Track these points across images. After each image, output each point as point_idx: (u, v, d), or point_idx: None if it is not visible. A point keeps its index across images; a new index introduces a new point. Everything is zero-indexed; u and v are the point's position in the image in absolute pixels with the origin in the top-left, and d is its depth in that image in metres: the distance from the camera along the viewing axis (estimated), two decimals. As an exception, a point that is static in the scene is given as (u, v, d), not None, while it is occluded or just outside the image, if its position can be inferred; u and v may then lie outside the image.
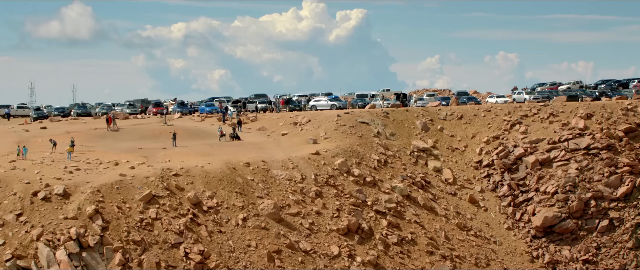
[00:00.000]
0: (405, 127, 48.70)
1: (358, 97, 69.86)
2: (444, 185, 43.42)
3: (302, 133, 47.21)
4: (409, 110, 53.14)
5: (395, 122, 49.52)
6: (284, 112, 58.99)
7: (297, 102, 62.81)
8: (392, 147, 45.60)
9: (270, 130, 50.92)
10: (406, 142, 46.94)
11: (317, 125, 48.00)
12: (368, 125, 47.74)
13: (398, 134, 47.62)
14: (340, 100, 62.35)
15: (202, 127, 52.69)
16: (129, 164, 34.13)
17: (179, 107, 64.11)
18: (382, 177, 41.10)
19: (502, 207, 43.02)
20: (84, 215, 27.43)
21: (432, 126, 50.26)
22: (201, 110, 63.48)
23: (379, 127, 47.85)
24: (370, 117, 49.19)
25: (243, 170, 36.13)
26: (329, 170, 38.78)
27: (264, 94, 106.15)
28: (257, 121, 55.29)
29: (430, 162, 45.20)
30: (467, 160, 46.89)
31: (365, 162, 41.51)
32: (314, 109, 56.62)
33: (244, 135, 48.66)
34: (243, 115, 58.20)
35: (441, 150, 47.34)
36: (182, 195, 31.89)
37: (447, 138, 48.93)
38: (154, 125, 53.51)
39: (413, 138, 47.68)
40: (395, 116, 50.75)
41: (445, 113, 52.19)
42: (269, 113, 59.90)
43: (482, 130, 49.75)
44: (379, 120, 48.84)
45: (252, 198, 33.92)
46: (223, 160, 36.34)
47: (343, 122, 47.48)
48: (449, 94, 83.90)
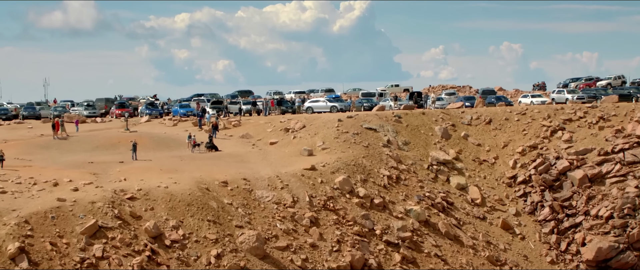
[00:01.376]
0: (421, 134, 46.48)
1: (363, 96, 66.62)
2: (471, 207, 40.56)
3: (295, 142, 44.25)
4: (426, 113, 50.55)
5: (409, 128, 46.98)
6: (273, 115, 55.54)
7: (291, 103, 59.45)
8: (406, 159, 42.81)
9: (255, 138, 47.80)
10: (423, 153, 44.40)
11: (313, 132, 45.05)
12: (376, 132, 44.77)
13: (413, 142, 45.19)
14: (342, 101, 59.14)
15: (172, 134, 49.34)
16: (71, 185, 30.65)
17: (147, 108, 60.71)
18: (394, 198, 37.84)
19: (543, 235, 39.83)
20: (3, 255, 23.86)
21: (454, 133, 47.59)
22: (174, 113, 60.10)
23: (389, 135, 45.01)
24: (378, 121, 46.47)
25: (219, 192, 32.77)
26: (328, 190, 35.54)
27: (249, 90, 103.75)
28: (241, 126, 52.08)
29: (453, 178, 42.79)
30: (498, 175, 44.19)
31: (373, 179, 38.51)
32: (310, 111, 53.34)
33: (222, 144, 45.41)
34: (224, 119, 54.78)
35: (466, 163, 44.72)
36: (139, 226, 28.41)
37: (472, 148, 46.47)
38: (114, 131, 50.18)
39: (431, 148, 45.19)
40: (409, 121, 48.17)
41: (469, 116, 49.63)
42: (255, 116, 56.43)
43: (516, 138, 46.77)
44: (389, 126, 45.92)
45: (229, 228, 30.53)
46: (194, 179, 32.97)
47: (345, 128, 44.62)
48: (472, 93, 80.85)
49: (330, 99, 55.45)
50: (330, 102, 54.00)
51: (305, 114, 53.71)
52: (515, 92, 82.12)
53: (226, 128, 51.88)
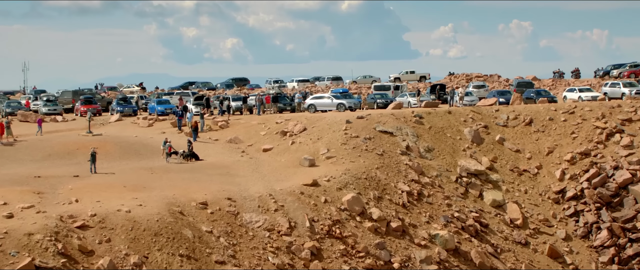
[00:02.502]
0: (447, 138, 43.91)
1: (376, 90, 62.88)
2: (510, 230, 37.93)
3: (293, 149, 41.56)
4: (452, 111, 47.61)
5: (432, 131, 44.23)
6: (268, 113, 52.51)
7: (289, 98, 55.88)
8: (430, 170, 40.18)
9: (245, 143, 44.67)
10: (450, 162, 41.71)
11: (316, 137, 42.33)
12: (392, 137, 42.12)
13: (438, 149, 42.51)
14: (351, 96, 55.56)
15: (145, 138, 46.09)
16: (5, 209, 27.08)
17: (118, 105, 57.21)
18: (416, 220, 34.96)
19: (600, 265, 36.32)
20: None
21: (487, 136, 44.98)
22: (151, 110, 56.58)
23: (408, 140, 42.36)
24: (395, 123, 43.72)
25: (196, 216, 29.36)
26: (333, 211, 32.33)
27: (244, 78, 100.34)
28: (229, 127, 48.65)
29: (487, 193, 40.11)
30: (542, 188, 41.58)
31: (389, 197, 35.79)
32: (313, 109, 49.86)
33: (205, 150, 42.35)
34: (209, 118, 51.32)
35: (503, 174, 42.03)
36: (89, 265, 24.86)
37: (510, 155, 43.88)
38: (75, 134, 46.77)
39: (460, 155, 42.47)
40: (432, 121, 45.39)
41: (505, 116, 46.88)
42: (247, 114, 52.92)
43: (564, 143, 44.12)
44: (408, 129, 43.32)
45: (208, 264, 27.13)
46: (165, 199, 29.68)
47: (355, 131, 41.95)
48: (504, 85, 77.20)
49: (336, 95, 51.68)
50: (337, 98, 50.22)
51: (307, 112, 50.13)
52: (552, 83, 78.34)
53: (211, 130, 48.38)
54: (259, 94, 54.56)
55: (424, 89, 75.26)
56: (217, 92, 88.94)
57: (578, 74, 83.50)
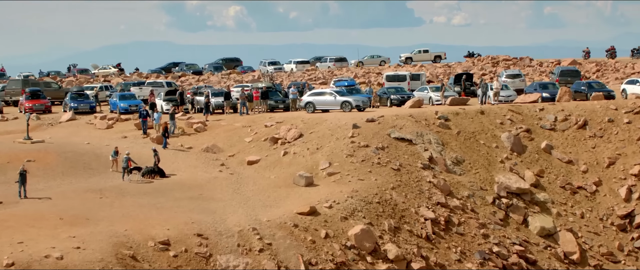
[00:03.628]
0: (481, 146, 40.27)
1: (389, 80, 58.51)
2: (564, 268, 34.43)
3: (286, 162, 37.70)
4: (486, 111, 43.79)
5: (462, 138, 40.61)
6: (256, 112, 48.95)
7: (282, 94, 51.44)
8: (459, 189, 36.41)
9: (226, 152, 41.01)
10: (485, 178, 38.00)
11: (314, 145, 38.60)
12: (412, 146, 38.43)
13: (469, 160, 38.84)
14: (359, 91, 51.21)
15: (100, 145, 42.50)
16: None
17: (72, 100, 52.63)
18: (444, 258, 31.57)
19: (683, 316, 32.11)
20: None
21: (530, 143, 41.60)
22: (112, 106, 52.19)
23: (432, 149, 38.69)
24: (414, 127, 39.97)
25: (153, 261, 25.72)
26: (337, 250, 29.18)
27: (236, 58, 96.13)
28: (207, 131, 44.49)
29: (534, 218, 36.55)
30: (603, 211, 38.03)
31: (409, 227, 31.99)
32: (311, 108, 45.51)
33: (174, 162, 38.60)
34: (183, 118, 47.70)
35: (552, 193, 38.45)
36: None
37: (560, 167, 40.34)
38: (10, 142, 42.53)
39: (497, 168, 38.78)
40: (461, 124, 41.74)
41: (552, 116, 43.49)
42: (230, 113, 48.81)
43: (629, 152, 40.64)
44: (431, 135, 39.77)
45: (166, 332, 22.68)
46: (113, 237, 26.17)
47: (364, 138, 38.11)
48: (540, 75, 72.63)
49: (340, 90, 46.91)
50: (341, 95, 45.49)
51: (304, 112, 45.63)
52: (597, 68, 73.87)
53: (184, 134, 43.97)
54: (243, 89, 49.80)
55: (446, 78, 70.74)
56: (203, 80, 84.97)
57: (614, 53, 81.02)
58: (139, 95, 59.06)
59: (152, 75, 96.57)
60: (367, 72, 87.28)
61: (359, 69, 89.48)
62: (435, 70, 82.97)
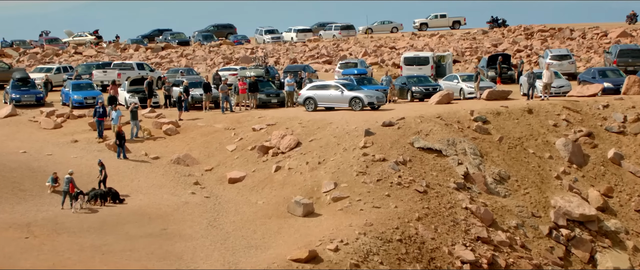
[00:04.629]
0: (530, 156, 36.10)
1: (407, 64, 54.49)
2: None
3: (278, 180, 33.31)
4: (533, 108, 39.45)
5: (505, 146, 36.34)
6: (243, 110, 44.03)
7: (277, 84, 46.52)
8: (505, 216, 31.83)
9: (203, 165, 36.70)
10: (537, 200, 33.70)
11: (316, 158, 33.95)
12: (441, 157, 33.96)
13: (516, 176, 34.67)
14: (371, 82, 46.83)
15: (40, 155, 37.65)
16: None
17: (14, 89, 47.59)
18: None
19: None
20: None
21: (593, 151, 37.67)
22: (64, 98, 48.41)
23: (468, 162, 34.17)
24: (444, 133, 35.56)
25: None
26: None
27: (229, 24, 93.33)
28: (180, 133, 40.76)
29: (603, 255, 32.55)
30: None
31: None
32: (311, 105, 40.65)
33: (134, 178, 34.29)
34: (151, 114, 43.26)
35: (625, 219, 34.52)
36: None
37: (634, 182, 36.47)
38: None
39: (552, 187, 34.51)
40: (503, 127, 37.51)
41: (620, 115, 39.79)
42: (211, 111, 44.42)
43: None
44: (466, 143, 35.23)
45: None
46: None
47: (380, 149, 33.59)
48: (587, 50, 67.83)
49: (349, 83, 41.67)
50: (350, 89, 40.22)
51: (303, 109, 40.73)
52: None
53: (151, 138, 39.04)
54: (225, 80, 44.49)
55: (475, 59, 65.73)
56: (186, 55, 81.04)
57: (634, 18, 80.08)
58: (104, 82, 54.33)
59: (132, 47, 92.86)
60: (379, 45, 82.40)
61: (368, 40, 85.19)
62: (459, 45, 78.14)
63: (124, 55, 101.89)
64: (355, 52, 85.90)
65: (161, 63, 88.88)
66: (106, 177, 32.29)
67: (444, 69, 55.63)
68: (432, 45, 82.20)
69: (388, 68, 67.78)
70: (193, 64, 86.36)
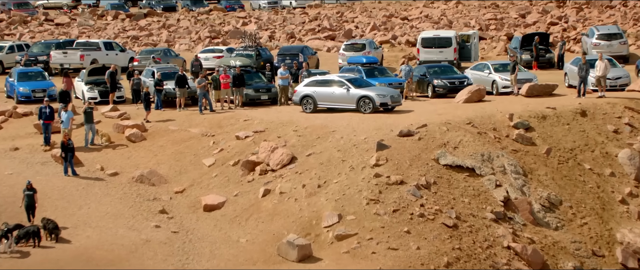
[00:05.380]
0: (585, 172, 31.85)
1: (426, 46, 50.01)
2: None
3: (267, 209, 28.72)
4: (587, 109, 35.18)
5: (554, 159, 31.94)
6: (226, 109, 39.54)
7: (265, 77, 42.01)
8: (558, 256, 27.67)
9: (172, 184, 31.96)
10: (598, 233, 29.43)
11: (315, 179, 29.22)
12: (474, 177, 29.42)
13: (568, 199, 30.34)
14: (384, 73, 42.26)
15: None
16: None
17: None
18: None
19: None
20: None
21: None
22: (9, 88, 44.44)
23: (508, 183, 29.66)
24: (477, 144, 30.97)
25: None
26: None
27: None
28: (147, 140, 36.01)
29: None
30: None
31: None
32: (310, 105, 36.00)
33: (83, 204, 29.48)
34: (111, 112, 38.98)
35: None
36: None
37: None
38: None
39: (616, 214, 30.47)
40: (550, 136, 33.17)
41: None
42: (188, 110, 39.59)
43: None
44: (504, 158, 30.67)
45: None
46: None
47: (396, 167, 28.98)
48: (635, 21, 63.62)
49: (355, 78, 36.66)
50: (357, 86, 35.25)
51: (300, 109, 36.13)
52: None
53: (109, 145, 34.35)
54: (203, 73, 39.50)
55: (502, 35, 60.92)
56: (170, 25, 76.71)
57: None
58: (65, 65, 49.85)
59: (110, 13, 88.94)
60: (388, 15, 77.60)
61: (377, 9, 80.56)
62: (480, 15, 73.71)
63: (99, 26, 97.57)
64: (362, 25, 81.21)
65: (139, 37, 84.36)
66: (35, 206, 27.41)
67: (469, 50, 51.42)
68: (449, 16, 77.51)
69: (401, 48, 63.00)
70: (175, 39, 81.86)
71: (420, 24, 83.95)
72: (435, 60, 47.97)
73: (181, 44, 74.33)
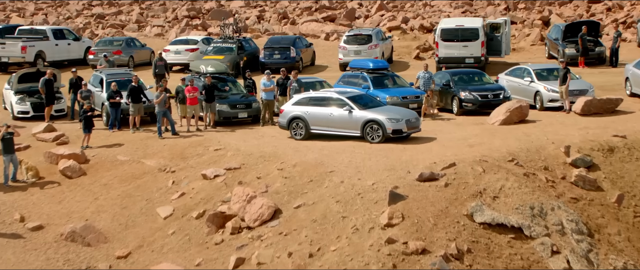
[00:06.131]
0: None
1: (447, 40, 44.77)
2: None
3: None
4: None
5: (628, 212, 26.38)
6: (193, 131, 33.91)
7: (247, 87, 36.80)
8: None
9: (115, 245, 26.26)
10: None
11: (305, 243, 23.72)
12: (521, 240, 23.81)
13: None
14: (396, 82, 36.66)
15: None
16: None
17: None
18: None
19: None
20: None
21: None
22: None
23: (568, 249, 23.88)
24: (524, 192, 25.21)
25: None
26: None
27: None
28: (87, 175, 30.42)
29: None
30: None
31: None
32: (300, 132, 30.42)
33: None
34: (43, 137, 33.40)
35: None
36: None
37: None
38: None
39: None
40: (619, 176, 27.79)
41: None
42: (145, 130, 34.68)
43: None
44: (561, 210, 24.97)
45: None
46: None
47: (415, 227, 23.55)
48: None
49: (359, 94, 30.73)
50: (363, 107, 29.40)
51: (288, 135, 31.60)
52: None
53: (39, 183, 30.10)
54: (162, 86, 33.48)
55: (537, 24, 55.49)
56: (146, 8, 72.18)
57: None
58: (2, 58, 45.36)
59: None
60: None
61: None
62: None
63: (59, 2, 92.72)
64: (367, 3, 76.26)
65: (104, 17, 79.19)
66: None
67: (499, 42, 46.72)
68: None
69: (414, 35, 57.45)
70: (147, 19, 77.01)
71: (435, 1, 78.58)
72: (458, 58, 43.31)
73: (153, 26, 69.33)
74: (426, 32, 58.70)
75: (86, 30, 67.03)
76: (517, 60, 48.13)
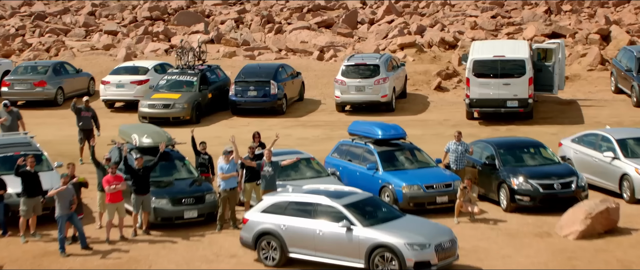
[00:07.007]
0: None
1: (479, 74, 38.74)
2: None
3: None
4: None
5: None
6: (113, 243, 25.79)
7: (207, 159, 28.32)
8: None
9: None
10: None
11: None
12: None
13: None
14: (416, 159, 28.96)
15: None
16: None
17: None
18: None
19: None
20: None
21: None
22: None
23: None
24: None
25: None
26: None
27: None
28: None
29: None
30: None
31: None
32: (272, 254, 22.76)
33: None
34: None
35: None
36: None
37: None
38: None
39: None
40: None
41: None
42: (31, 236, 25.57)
43: None
44: None
45: None
46: None
47: None
48: None
49: (361, 199, 22.46)
50: (368, 222, 21.21)
51: (254, 257, 23.14)
52: None
53: None
54: (72, 169, 25.27)
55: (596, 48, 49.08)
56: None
57: None
58: None
59: None
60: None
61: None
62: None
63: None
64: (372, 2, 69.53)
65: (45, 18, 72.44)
66: None
67: (551, 75, 39.33)
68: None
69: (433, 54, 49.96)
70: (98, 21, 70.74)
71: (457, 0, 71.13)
72: (497, 100, 36.17)
73: (103, 34, 62.50)
74: (448, 48, 51.20)
75: (16, 38, 59.78)
76: (572, 94, 41.01)
